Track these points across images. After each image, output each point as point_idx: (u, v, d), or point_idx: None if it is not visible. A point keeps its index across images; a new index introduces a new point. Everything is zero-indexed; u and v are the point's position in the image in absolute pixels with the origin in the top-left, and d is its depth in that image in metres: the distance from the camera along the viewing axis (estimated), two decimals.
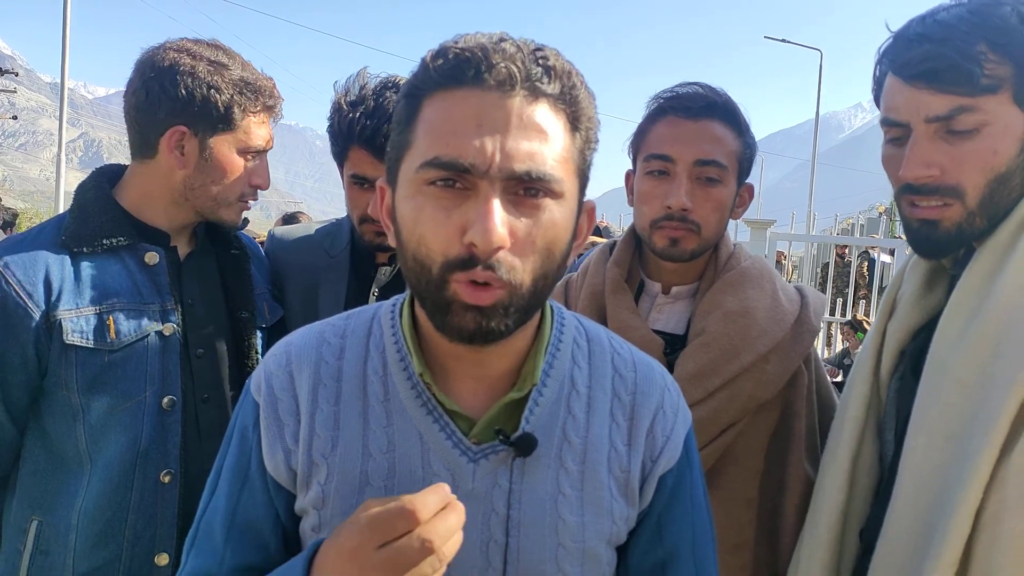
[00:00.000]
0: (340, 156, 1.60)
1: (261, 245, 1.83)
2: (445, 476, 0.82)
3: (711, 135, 1.33)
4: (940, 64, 1.02)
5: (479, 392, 0.86)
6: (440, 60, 0.75)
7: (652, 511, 0.91)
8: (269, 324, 1.61)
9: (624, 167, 1.51)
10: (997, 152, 1.03)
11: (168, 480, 1.36)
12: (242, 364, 1.52)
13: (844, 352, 6.95)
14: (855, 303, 7.54)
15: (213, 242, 1.56)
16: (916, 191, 1.08)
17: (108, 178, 1.45)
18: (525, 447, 0.83)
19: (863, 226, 13.84)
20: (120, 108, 1.46)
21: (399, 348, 0.87)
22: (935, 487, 1.01)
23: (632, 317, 1.39)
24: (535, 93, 0.75)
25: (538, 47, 0.76)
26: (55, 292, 1.29)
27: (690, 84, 1.40)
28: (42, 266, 1.30)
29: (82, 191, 1.41)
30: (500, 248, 0.73)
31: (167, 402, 1.36)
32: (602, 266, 1.49)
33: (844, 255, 9.48)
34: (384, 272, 1.70)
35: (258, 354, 1.54)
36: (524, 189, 0.74)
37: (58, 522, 1.32)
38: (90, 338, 1.30)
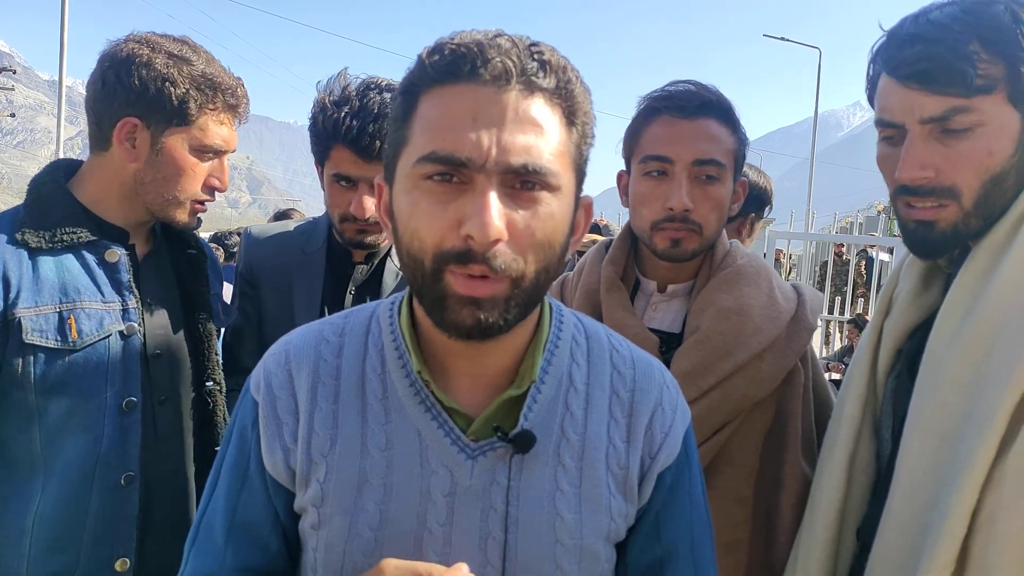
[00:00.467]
0: (322, 155, 1.59)
1: None
2: (443, 473, 0.83)
3: (708, 134, 1.32)
4: (934, 65, 1.02)
5: (477, 389, 0.86)
6: (436, 56, 0.75)
7: (651, 508, 0.91)
8: (223, 325, 1.59)
9: (622, 164, 1.50)
10: (992, 152, 1.02)
11: (128, 483, 1.32)
12: (200, 366, 1.49)
13: (847, 349, 6.95)
14: (853, 301, 7.54)
15: (170, 242, 1.52)
16: (912, 192, 1.08)
17: (64, 172, 1.40)
18: (523, 444, 0.83)
19: (862, 224, 13.84)
20: None
21: (397, 346, 0.87)
22: (931, 486, 1.01)
23: (627, 315, 1.39)
24: (531, 87, 0.75)
25: (533, 43, 0.76)
26: (13, 289, 1.25)
27: (681, 83, 1.39)
28: None
29: (37, 185, 1.36)
30: (497, 241, 0.73)
31: (127, 403, 1.33)
32: (597, 265, 1.49)
33: (842, 253, 9.48)
34: (360, 271, 1.69)
35: (217, 356, 1.52)
36: (521, 182, 0.74)
37: (10, 528, 1.28)
38: (50, 337, 1.26)
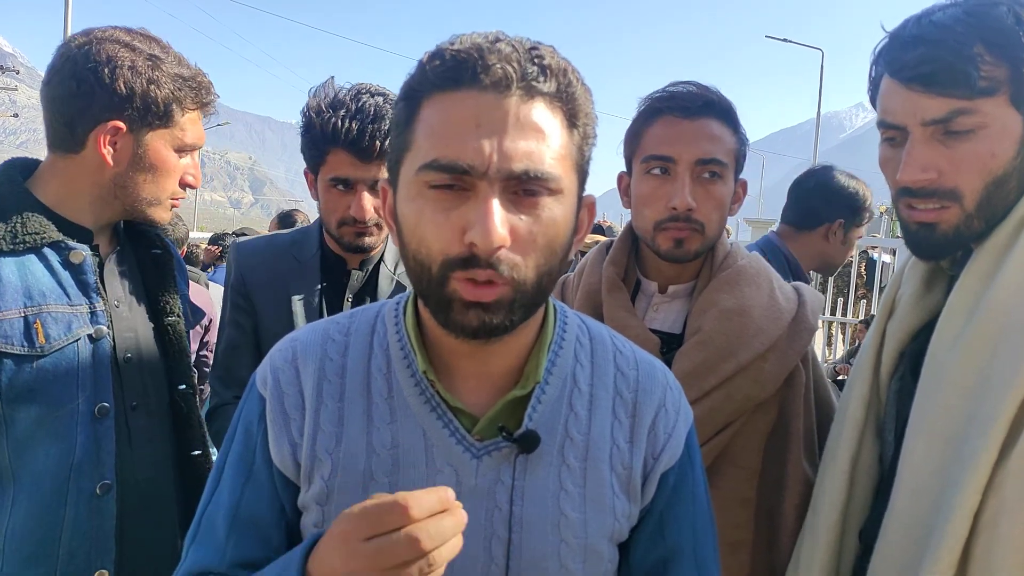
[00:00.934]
0: (317, 161, 1.56)
1: None
2: (448, 472, 0.83)
3: (710, 134, 1.33)
4: (937, 67, 1.01)
5: (482, 389, 0.87)
6: (436, 62, 0.76)
7: (654, 508, 0.91)
8: (191, 327, 1.55)
9: (623, 165, 1.50)
10: (995, 155, 1.02)
11: (104, 492, 1.27)
12: (171, 369, 1.44)
13: (855, 350, 6.92)
14: (855, 303, 7.52)
15: (134, 242, 1.48)
16: (914, 194, 1.08)
17: (20, 171, 1.33)
18: (528, 444, 0.83)
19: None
20: None
21: (403, 346, 0.88)
22: (934, 489, 1.01)
23: (628, 316, 1.39)
24: (531, 92, 0.75)
25: (533, 46, 0.77)
26: None
27: (682, 83, 1.39)
28: None
29: None
30: (501, 247, 0.74)
31: (100, 409, 1.28)
32: (598, 266, 1.49)
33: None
34: (356, 277, 1.69)
35: (189, 359, 1.47)
36: (523, 188, 0.75)
37: None
38: (16, 343, 1.20)
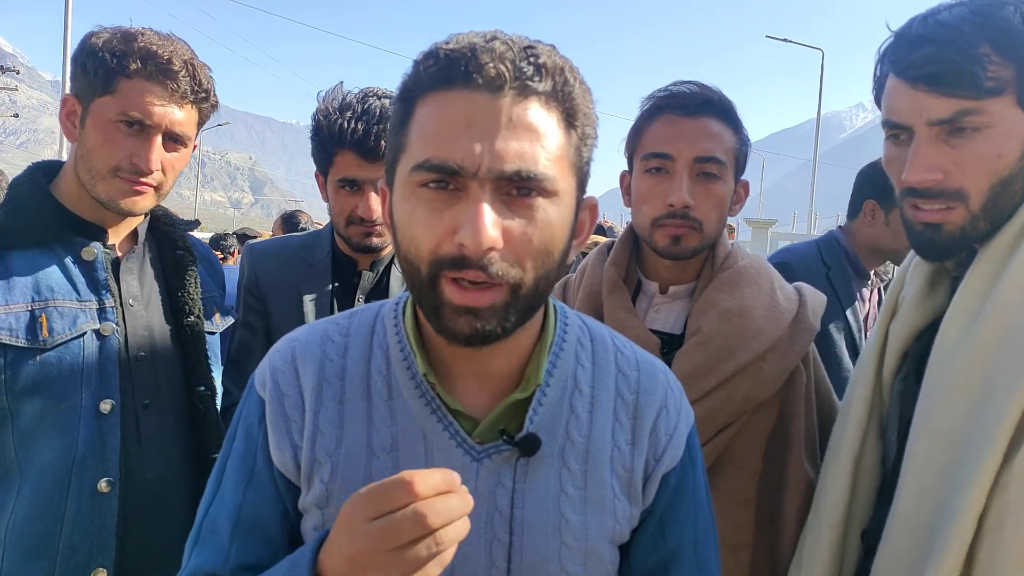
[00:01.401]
0: (326, 162, 1.59)
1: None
2: None
3: (709, 132, 1.33)
4: (943, 67, 1.01)
5: (482, 392, 0.86)
6: (430, 62, 0.76)
7: (655, 510, 0.91)
8: (219, 330, 1.56)
9: (625, 165, 1.50)
10: (1001, 155, 1.02)
11: (107, 489, 1.27)
12: (189, 369, 1.45)
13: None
14: None
15: (158, 242, 1.49)
16: (919, 194, 1.07)
17: (44, 172, 1.38)
18: (529, 447, 0.83)
19: None
20: None
21: (403, 347, 0.87)
22: (937, 491, 1.00)
23: (629, 317, 1.39)
24: (525, 92, 0.74)
25: (529, 44, 0.76)
26: None
27: (684, 83, 1.39)
28: None
29: (15, 185, 1.34)
30: (491, 249, 0.73)
31: (106, 406, 1.28)
32: (599, 266, 1.49)
33: None
34: (367, 278, 1.70)
35: (208, 360, 1.47)
36: (516, 189, 0.74)
37: None
38: (19, 336, 1.22)
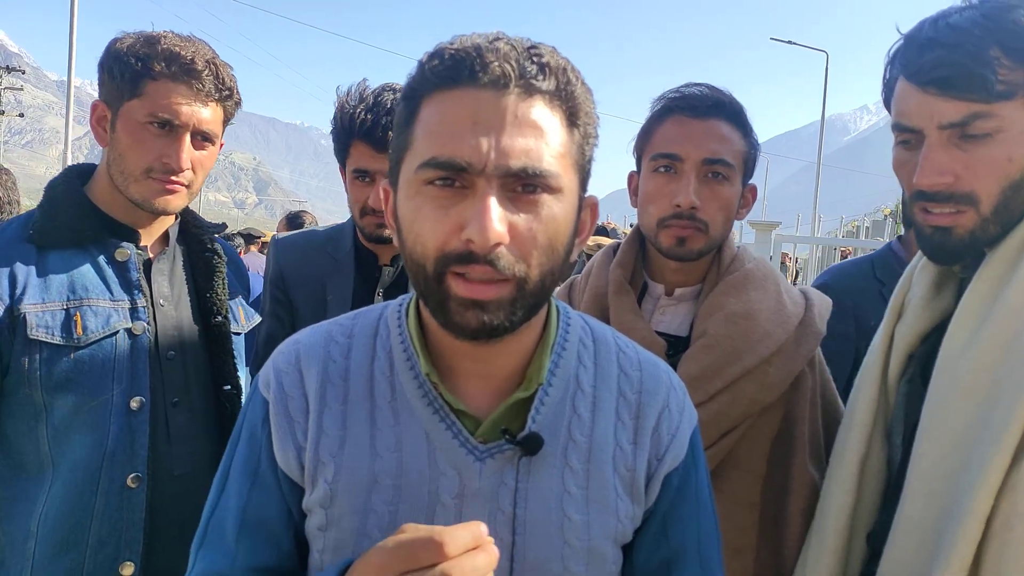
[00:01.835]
0: (343, 154, 1.65)
1: (264, 245, 1.84)
2: (452, 475, 0.83)
3: (718, 134, 1.33)
4: (954, 71, 1.00)
5: (485, 391, 0.86)
6: (435, 61, 0.76)
7: (657, 510, 0.91)
8: (245, 331, 1.59)
9: (628, 167, 1.50)
10: (1012, 159, 1.01)
11: (135, 484, 1.31)
12: (216, 369, 1.48)
13: None
14: None
15: (188, 244, 1.53)
16: (929, 198, 1.07)
17: (79, 174, 1.42)
18: (531, 446, 0.83)
19: (868, 228, 13.79)
20: None
21: (406, 348, 0.88)
22: (944, 493, 1.00)
23: (634, 319, 1.38)
24: (530, 90, 0.75)
25: (533, 45, 0.77)
26: (20, 286, 1.26)
27: (695, 84, 1.40)
28: (6, 259, 1.27)
29: (52, 187, 1.38)
30: (498, 244, 0.73)
31: (135, 403, 1.32)
32: (605, 268, 1.49)
33: (848, 257, 9.44)
34: (388, 273, 1.74)
35: (234, 360, 1.51)
36: (522, 185, 0.75)
37: (16, 530, 1.27)
38: (55, 333, 1.26)
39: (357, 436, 0.84)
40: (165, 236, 1.48)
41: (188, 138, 1.35)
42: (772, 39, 30.15)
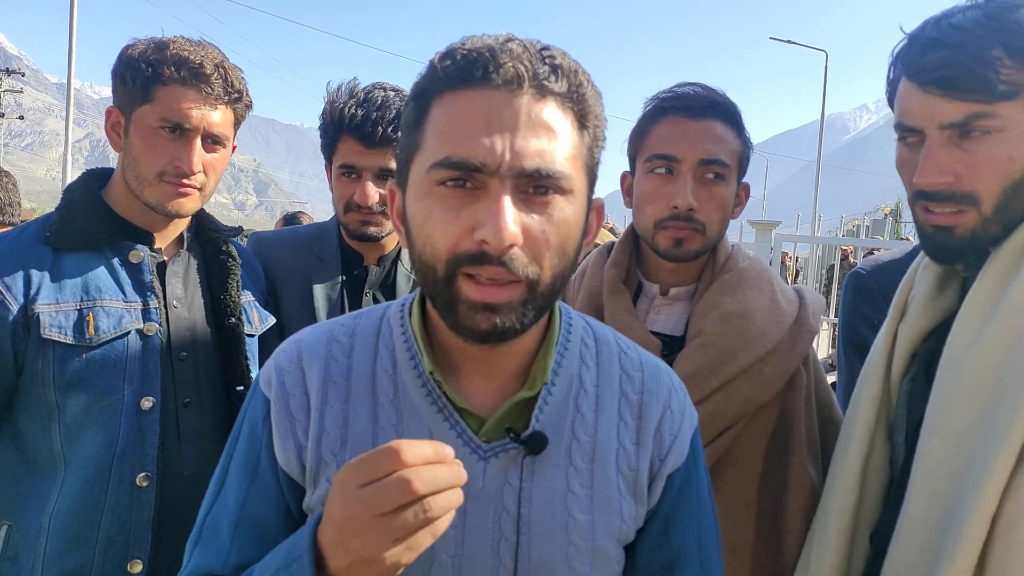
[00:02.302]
0: (330, 149, 1.64)
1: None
2: None
3: (714, 134, 1.33)
4: (955, 71, 1.00)
5: (489, 390, 0.86)
6: (448, 61, 0.76)
7: (659, 510, 0.91)
8: (259, 333, 1.60)
9: (626, 167, 1.50)
10: (1013, 159, 1.01)
11: (145, 483, 1.32)
12: (228, 371, 1.50)
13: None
14: None
15: (203, 247, 1.55)
16: (930, 197, 1.07)
17: (97, 178, 1.45)
18: (535, 445, 0.83)
19: (868, 228, 13.79)
20: None
21: (409, 346, 0.87)
22: (949, 492, 1.00)
23: (630, 318, 1.38)
24: (542, 92, 0.75)
25: (544, 47, 0.77)
26: (35, 286, 1.28)
27: (688, 84, 1.39)
28: (22, 260, 1.29)
29: (70, 190, 1.41)
30: (512, 245, 0.73)
31: (146, 403, 1.34)
32: (600, 267, 1.49)
33: (849, 256, 9.43)
34: (374, 272, 1.73)
35: (247, 361, 1.52)
36: (534, 187, 0.75)
37: (28, 526, 1.28)
38: (68, 333, 1.28)
39: (359, 435, 0.84)
40: (180, 239, 1.50)
41: (199, 141, 1.37)
42: (771, 38, 30.18)
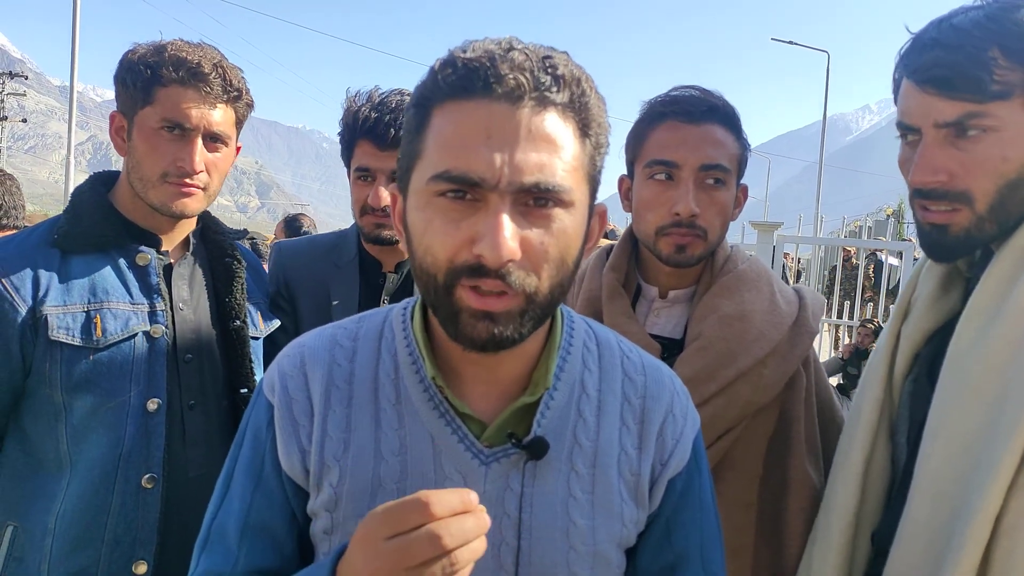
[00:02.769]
0: (347, 153, 1.66)
1: (267, 247, 1.84)
2: (457, 479, 0.82)
3: (714, 139, 1.32)
4: (950, 71, 1.02)
5: (491, 396, 0.86)
6: (448, 70, 0.75)
7: (661, 514, 0.91)
8: (263, 335, 1.60)
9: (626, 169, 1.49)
10: (1007, 158, 1.02)
11: (150, 485, 1.33)
12: (234, 373, 1.50)
13: (863, 352, 6.79)
14: (862, 305, 7.50)
15: (209, 250, 1.56)
16: (926, 195, 1.08)
17: (104, 181, 1.46)
18: (537, 451, 0.83)
19: (871, 228, 13.78)
20: None
21: (411, 351, 0.87)
22: (952, 493, 1.00)
23: (629, 322, 1.37)
24: (544, 103, 0.75)
25: (547, 54, 0.76)
26: (43, 288, 1.29)
27: (686, 87, 1.38)
28: (30, 262, 1.30)
29: (78, 193, 1.42)
30: (510, 261, 0.73)
31: (152, 405, 1.34)
32: (598, 271, 1.48)
33: (851, 257, 9.44)
34: (392, 280, 1.73)
35: (252, 363, 1.52)
36: (534, 200, 0.75)
37: (34, 527, 1.29)
38: (75, 335, 1.29)
39: (361, 440, 0.84)
40: (186, 242, 1.51)
41: (200, 141, 1.38)
42: (773, 39, 30.15)
